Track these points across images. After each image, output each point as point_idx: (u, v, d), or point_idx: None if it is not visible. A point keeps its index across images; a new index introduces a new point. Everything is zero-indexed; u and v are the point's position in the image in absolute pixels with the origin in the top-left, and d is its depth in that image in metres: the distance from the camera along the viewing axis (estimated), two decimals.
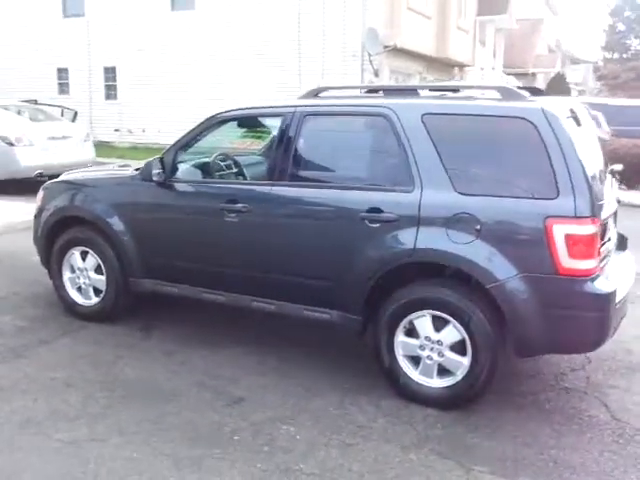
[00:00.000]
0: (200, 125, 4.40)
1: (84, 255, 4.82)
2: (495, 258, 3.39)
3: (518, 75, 29.62)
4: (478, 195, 3.47)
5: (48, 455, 3.16)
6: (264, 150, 4.92)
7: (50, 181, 5.25)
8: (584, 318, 3.35)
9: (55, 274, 4.98)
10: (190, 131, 4.43)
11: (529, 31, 32.14)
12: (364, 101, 4.02)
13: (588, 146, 3.66)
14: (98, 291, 4.81)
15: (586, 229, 3.27)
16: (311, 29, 16.57)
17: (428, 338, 3.60)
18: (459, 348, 3.55)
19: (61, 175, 5.36)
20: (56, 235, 4.93)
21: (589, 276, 3.31)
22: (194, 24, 18.09)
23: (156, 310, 5.04)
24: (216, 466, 3.09)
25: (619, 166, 4.06)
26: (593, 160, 3.64)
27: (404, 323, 3.67)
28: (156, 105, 18.60)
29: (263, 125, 4.67)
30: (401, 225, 3.60)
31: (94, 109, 19.94)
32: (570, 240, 3.26)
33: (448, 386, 3.60)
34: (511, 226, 3.40)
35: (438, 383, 3.63)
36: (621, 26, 47.64)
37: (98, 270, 4.77)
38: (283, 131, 4.04)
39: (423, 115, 3.64)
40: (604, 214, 3.54)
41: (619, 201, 3.93)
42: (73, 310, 4.92)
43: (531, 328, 3.40)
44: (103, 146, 17.74)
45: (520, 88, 4.19)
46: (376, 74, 16.15)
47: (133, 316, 4.88)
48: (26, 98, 13.81)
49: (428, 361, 3.63)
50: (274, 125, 4.29)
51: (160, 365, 4.17)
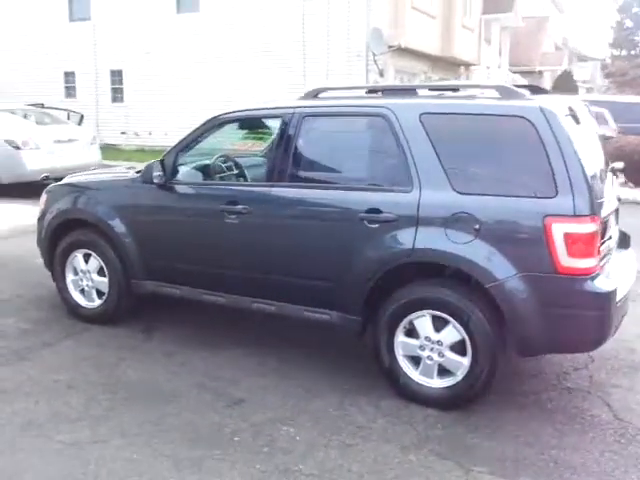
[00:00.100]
0: (200, 127, 4.41)
1: (87, 257, 4.84)
2: (494, 257, 3.38)
3: (524, 73, 29.50)
4: (477, 194, 3.45)
5: (49, 456, 3.17)
6: (264, 151, 4.92)
7: (53, 184, 5.28)
8: (584, 317, 3.33)
9: (58, 276, 5.00)
10: (190, 133, 4.44)
11: (535, 29, 32.01)
12: (363, 101, 4.02)
13: (588, 144, 3.65)
14: (101, 293, 4.83)
15: (585, 227, 3.25)
16: (315, 30, 16.58)
17: (428, 338, 3.60)
18: (459, 348, 3.54)
19: (64, 178, 5.39)
20: (59, 238, 4.95)
21: (589, 275, 3.29)
22: (199, 26, 18.15)
23: (158, 312, 5.05)
24: (216, 467, 3.09)
25: (620, 164, 4.05)
26: (593, 158, 3.62)
27: (404, 323, 3.66)
28: (162, 108, 18.68)
29: (264, 126, 4.68)
30: (400, 225, 3.59)
31: (101, 112, 20.05)
32: (569, 239, 3.24)
33: (448, 386, 3.59)
34: (510, 225, 3.39)
35: (438, 383, 3.62)
36: (629, 23, 47.38)
37: (101, 272, 4.79)
38: (282, 132, 4.05)
39: (421, 115, 3.64)
40: (604, 212, 3.52)
41: (620, 199, 3.91)
42: (76, 312, 4.94)
43: (531, 327, 3.38)
44: (110, 149, 17.83)
45: (520, 86, 4.18)
46: (381, 74, 16.13)
47: (135, 318, 4.90)
48: (33, 102, 13.93)
49: (428, 361, 3.62)
50: (274, 126, 4.30)
51: (161, 366, 4.18)
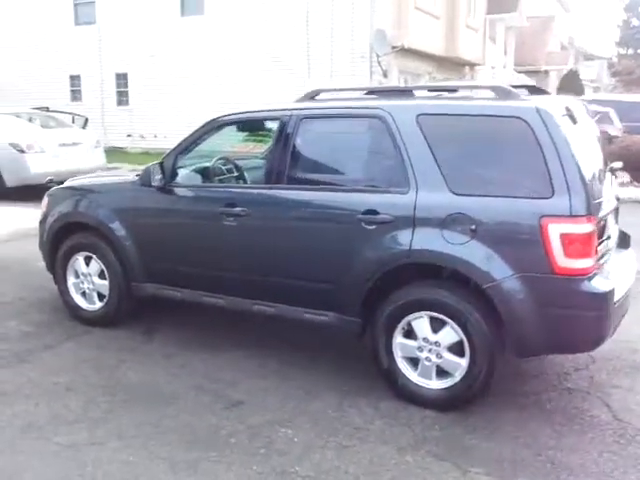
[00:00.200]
0: (199, 130, 4.42)
1: (88, 260, 4.86)
2: (491, 258, 3.37)
3: (530, 73, 29.41)
4: (473, 195, 3.44)
5: (47, 458, 3.18)
6: (263, 154, 4.92)
7: (54, 187, 5.30)
8: (582, 317, 3.31)
9: (60, 279, 5.03)
10: (189, 136, 4.45)
11: (540, 28, 31.92)
12: (359, 103, 4.01)
13: (585, 144, 3.63)
14: (102, 296, 4.84)
15: (582, 228, 3.23)
16: (319, 31, 16.62)
17: (426, 339, 3.59)
18: (457, 349, 3.53)
19: (65, 181, 5.42)
20: (60, 241, 4.98)
21: (586, 275, 3.27)
22: (204, 29, 18.24)
23: (158, 314, 5.06)
24: (212, 469, 3.09)
25: (619, 164, 4.03)
26: (590, 158, 3.61)
27: (402, 324, 3.65)
28: (167, 110, 18.76)
29: (262, 129, 4.69)
30: (397, 226, 3.59)
31: (106, 115, 20.17)
32: (566, 239, 3.22)
33: (446, 387, 3.58)
34: (506, 226, 3.38)
35: (437, 384, 3.61)
36: (635, 21, 47.22)
37: (101, 275, 4.81)
38: (280, 134, 4.05)
39: (418, 116, 3.63)
40: (602, 212, 3.51)
41: (619, 198, 3.89)
42: (77, 315, 4.96)
43: (528, 328, 3.37)
44: (116, 152, 17.92)
45: (518, 87, 4.16)
46: (385, 75, 16.13)
47: (136, 320, 4.91)
48: (39, 105, 13.99)
49: (426, 362, 3.61)
50: (273, 128, 4.30)
51: (161, 368, 4.19)
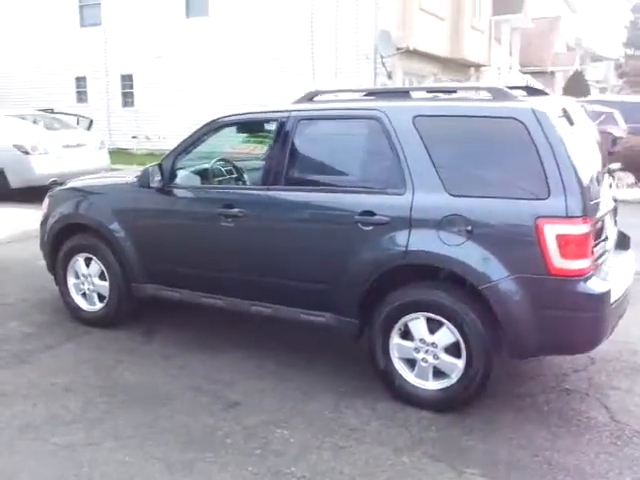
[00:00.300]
0: (198, 131, 4.44)
1: (88, 261, 4.88)
2: (487, 259, 3.36)
3: (536, 74, 29.35)
4: (469, 196, 3.44)
5: (44, 458, 3.20)
6: (261, 155, 4.93)
7: (55, 188, 5.33)
8: (578, 319, 3.30)
9: (60, 280, 5.05)
10: (188, 137, 4.46)
11: (546, 29, 31.86)
12: (357, 104, 4.02)
13: (582, 145, 3.62)
14: (102, 297, 4.86)
15: (578, 229, 3.22)
16: (324, 32, 16.64)
17: (423, 340, 3.59)
18: (454, 350, 3.53)
19: (66, 182, 5.44)
20: (61, 242, 5.00)
21: (582, 276, 3.26)
22: (208, 30, 18.29)
23: (158, 315, 5.08)
24: (207, 469, 3.10)
25: (617, 164, 4.02)
26: (587, 159, 3.60)
27: (399, 325, 3.65)
28: (172, 111, 18.80)
29: (261, 130, 4.70)
30: (393, 228, 3.59)
31: (112, 116, 20.25)
32: (562, 240, 3.22)
33: (443, 388, 3.58)
34: (502, 227, 3.37)
35: (433, 385, 3.61)
36: None
37: (102, 276, 4.83)
38: (278, 135, 4.06)
39: (414, 117, 3.63)
40: (598, 213, 3.50)
41: (616, 200, 3.88)
42: (78, 316, 4.98)
43: (524, 329, 3.36)
44: (121, 153, 18.00)
45: (516, 88, 4.16)
46: (389, 76, 16.12)
47: (135, 321, 4.93)
48: (45, 107, 14.08)
49: (423, 363, 3.61)
50: (271, 130, 4.30)
51: (160, 369, 4.20)
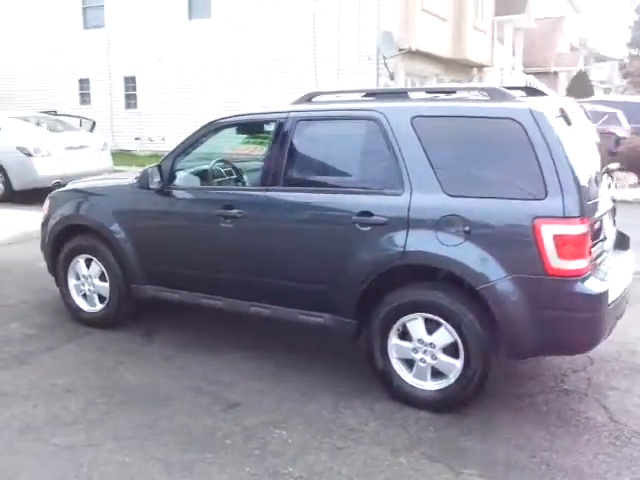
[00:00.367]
0: (196, 132, 4.45)
1: (88, 262, 4.90)
2: (484, 260, 3.37)
3: (539, 74, 29.31)
4: (467, 197, 3.44)
5: (45, 459, 3.21)
6: (260, 156, 4.94)
7: (56, 190, 5.35)
8: (576, 319, 3.30)
9: (61, 281, 5.07)
10: (187, 138, 4.48)
11: (550, 29, 31.81)
12: (355, 105, 4.02)
13: (580, 145, 3.62)
14: (102, 298, 4.88)
15: (575, 229, 3.23)
16: (326, 34, 16.65)
17: (421, 341, 3.60)
18: (452, 351, 3.54)
19: (67, 184, 5.46)
20: (62, 243, 5.02)
21: (579, 276, 3.26)
22: (211, 32, 18.32)
23: (158, 316, 5.09)
24: (206, 470, 3.11)
25: (615, 165, 4.01)
26: (585, 159, 3.60)
27: (397, 326, 3.66)
28: (175, 113, 18.84)
29: (259, 131, 4.71)
30: (391, 228, 3.59)
31: (115, 118, 20.30)
32: (559, 240, 3.22)
33: (441, 389, 3.58)
34: (500, 227, 3.37)
35: (431, 386, 3.62)
36: None
37: (102, 277, 4.85)
38: (276, 136, 4.07)
39: (412, 118, 3.64)
40: (596, 213, 3.50)
41: (614, 200, 3.88)
42: (78, 317, 5.00)
43: (522, 330, 3.36)
44: (124, 155, 18.04)
45: (515, 88, 4.16)
46: (391, 77, 16.13)
47: (135, 322, 4.95)
48: (49, 109, 14.14)
49: (421, 364, 3.62)
50: (270, 131, 4.31)
51: (159, 370, 4.22)
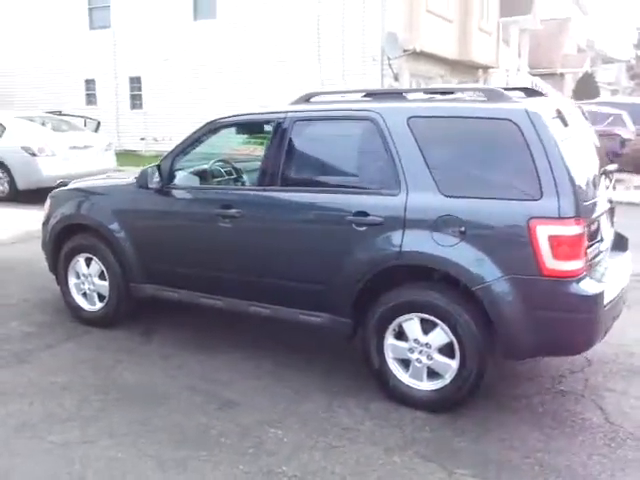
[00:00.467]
0: (195, 132, 4.47)
1: (88, 261, 4.93)
2: (480, 260, 3.37)
3: (545, 76, 29.25)
4: (463, 197, 3.44)
5: (39, 456, 3.23)
6: (259, 156, 4.95)
7: (57, 189, 5.38)
8: (571, 320, 3.29)
9: (62, 280, 5.10)
10: (186, 138, 4.50)
11: (556, 31, 31.75)
12: (352, 105, 4.02)
13: (577, 146, 3.62)
14: (102, 297, 4.90)
15: (570, 230, 3.22)
16: (331, 35, 16.66)
17: (417, 341, 3.60)
18: (447, 351, 3.54)
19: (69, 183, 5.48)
20: (62, 242, 5.05)
21: (575, 277, 3.26)
22: (216, 33, 18.37)
23: (157, 315, 5.11)
24: (200, 468, 3.12)
25: (613, 166, 4.01)
26: (582, 160, 3.60)
27: (393, 326, 3.66)
28: (180, 113, 18.86)
29: (258, 131, 4.72)
30: (387, 228, 3.60)
31: (120, 118, 20.36)
32: (554, 241, 3.21)
33: (437, 389, 3.58)
34: (495, 228, 3.37)
35: (427, 386, 3.62)
36: None
37: (101, 276, 4.87)
38: (274, 136, 4.08)
39: (409, 118, 3.64)
40: (593, 214, 3.49)
41: (611, 201, 3.87)
42: (78, 315, 5.02)
43: (517, 330, 3.36)
44: (129, 155, 18.09)
45: (514, 89, 4.16)
46: (396, 78, 16.12)
47: (135, 321, 4.97)
48: (55, 109, 14.22)
49: (417, 364, 3.62)
50: (268, 130, 4.33)
51: (158, 369, 4.23)
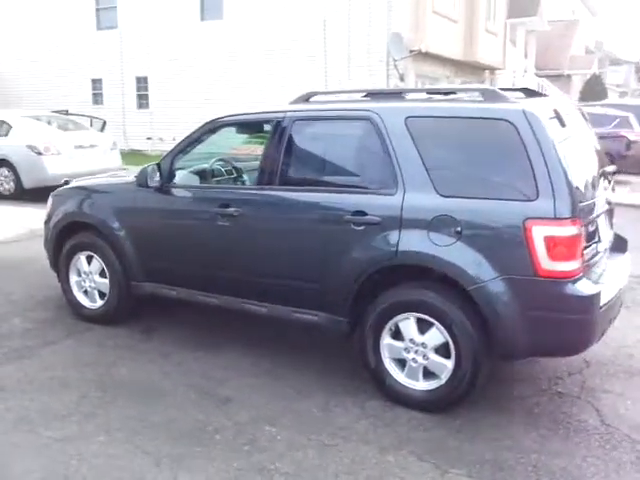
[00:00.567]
0: (195, 131, 4.50)
1: (89, 259, 4.96)
2: (476, 260, 3.37)
3: (552, 77, 29.17)
4: (459, 197, 3.45)
5: (36, 451, 3.25)
6: (258, 155, 4.96)
7: (59, 188, 5.42)
8: (566, 321, 3.29)
9: (63, 278, 5.13)
10: (185, 138, 4.53)
11: (564, 32, 31.66)
12: (350, 105, 4.04)
13: (575, 147, 3.62)
14: (102, 294, 4.93)
15: (566, 230, 3.22)
16: (336, 35, 16.67)
17: (412, 340, 3.60)
18: (443, 351, 3.54)
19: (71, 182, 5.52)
20: (64, 240, 5.09)
21: (570, 278, 3.25)
22: (222, 33, 18.41)
23: (158, 313, 5.13)
24: (194, 464, 3.14)
25: (612, 167, 4.00)
26: (579, 161, 3.60)
27: (389, 325, 3.67)
28: (186, 113, 18.89)
29: (257, 130, 4.74)
30: (384, 228, 3.61)
31: (127, 118, 20.44)
32: (550, 242, 3.21)
33: (432, 389, 3.59)
34: (491, 228, 3.37)
35: (423, 386, 3.62)
36: None
37: (102, 274, 4.90)
38: (273, 135, 4.10)
39: (406, 118, 3.65)
40: (590, 215, 3.49)
41: (609, 202, 3.86)
42: (79, 313, 5.05)
43: (513, 331, 3.36)
44: (135, 154, 18.17)
45: (513, 89, 4.17)
46: (401, 79, 16.12)
47: (135, 319, 5.00)
48: (61, 108, 14.31)
49: (413, 364, 3.63)
50: (268, 130, 4.34)
51: (157, 366, 4.25)
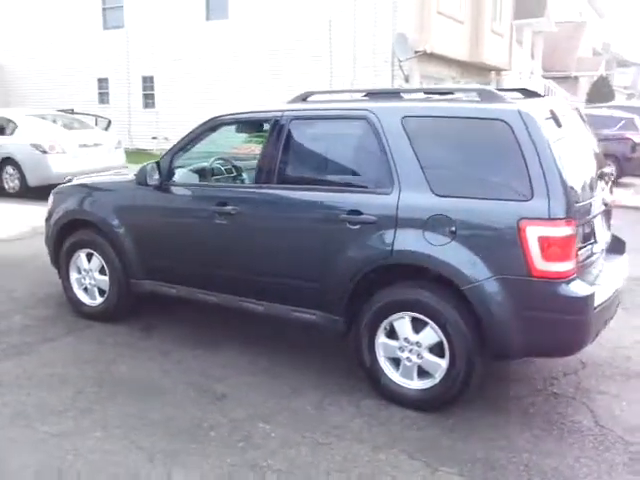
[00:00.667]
0: (194, 130, 4.53)
1: (90, 257, 4.99)
2: (470, 260, 3.38)
3: (559, 79, 29.09)
4: (454, 197, 3.46)
5: (33, 446, 3.28)
6: (255, 153, 4.98)
7: (60, 186, 5.45)
8: (560, 321, 3.29)
9: (63, 275, 5.17)
10: (185, 136, 4.56)
11: (571, 34, 31.57)
12: (347, 105, 4.06)
13: (571, 147, 3.62)
14: (102, 292, 4.97)
15: (560, 231, 3.23)
16: (342, 35, 16.69)
17: (407, 339, 3.62)
18: (437, 350, 3.56)
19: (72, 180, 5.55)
20: (64, 237, 5.12)
21: (564, 278, 3.26)
22: (228, 33, 18.47)
23: (158, 310, 5.17)
24: (189, 460, 3.17)
25: (610, 168, 4.01)
26: (575, 161, 3.60)
27: (384, 324, 3.69)
28: (191, 113, 18.87)
29: (255, 129, 4.76)
30: (379, 227, 3.62)
31: (133, 117, 20.53)
32: (544, 242, 3.22)
33: (426, 388, 3.60)
34: (486, 228, 3.39)
35: (418, 385, 3.64)
36: None
37: (102, 271, 4.93)
38: (271, 134, 4.12)
39: (403, 118, 3.67)
40: (586, 216, 3.50)
41: (607, 204, 3.87)
42: (79, 310, 5.09)
43: (507, 331, 3.37)
44: (141, 153, 18.20)
45: (512, 90, 4.18)
46: (406, 79, 16.12)
47: (135, 316, 5.03)
48: (67, 107, 14.37)
49: (407, 363, 3.64)
50: (265, 129, 4.36)
51: (156, 364, 4.28)
